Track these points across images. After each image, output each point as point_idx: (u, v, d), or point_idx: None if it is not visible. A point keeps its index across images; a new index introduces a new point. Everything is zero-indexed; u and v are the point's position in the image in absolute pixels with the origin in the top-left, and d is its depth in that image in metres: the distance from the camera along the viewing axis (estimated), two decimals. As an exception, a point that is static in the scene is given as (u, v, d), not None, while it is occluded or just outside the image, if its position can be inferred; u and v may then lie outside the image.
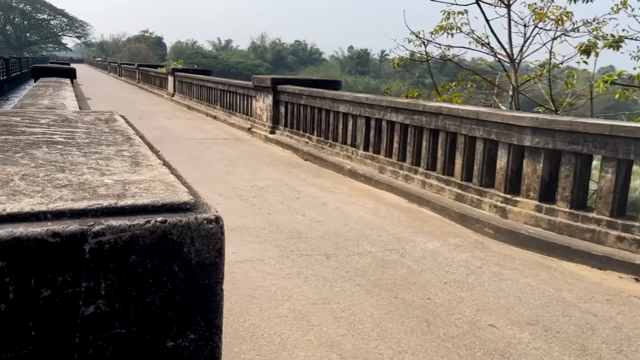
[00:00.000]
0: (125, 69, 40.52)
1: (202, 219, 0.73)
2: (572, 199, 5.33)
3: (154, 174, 0.90)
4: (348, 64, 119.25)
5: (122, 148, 1.15)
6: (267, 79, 12.03)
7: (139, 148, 1.17)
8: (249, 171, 8.64)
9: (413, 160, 7.46)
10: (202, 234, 0.72)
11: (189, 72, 21.49)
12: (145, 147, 1.19)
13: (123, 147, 1.16)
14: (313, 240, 5.42)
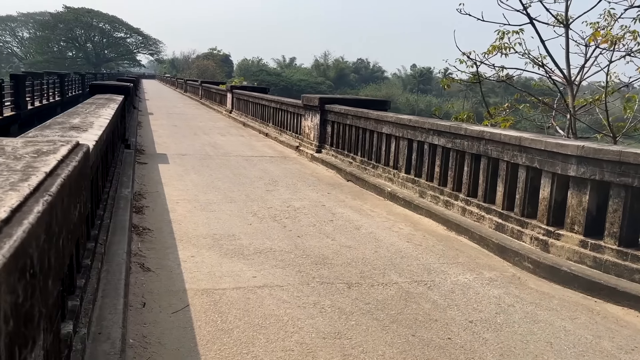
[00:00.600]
0: (190, 85, 41.97)
1: None
2: (621, 235, 4.87)
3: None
4: (410, 82, 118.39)
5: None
6: (315, 98, 12.01)
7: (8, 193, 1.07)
8: (288, 191, 8.58)
9: (454, 185, 7.14)
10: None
11: (247, 89, 21.91)
12: (16, 193, 1.08)
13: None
14: (338, 267, 5.24)
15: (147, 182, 8.62)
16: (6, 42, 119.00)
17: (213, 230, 6.20)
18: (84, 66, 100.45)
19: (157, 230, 6.05)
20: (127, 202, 6.51)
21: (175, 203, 7.32)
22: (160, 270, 4.85)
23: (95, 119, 5.10)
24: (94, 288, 3.64)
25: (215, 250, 5.49)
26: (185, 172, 9.66)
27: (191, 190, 8.19)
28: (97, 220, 4.87)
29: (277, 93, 72.76)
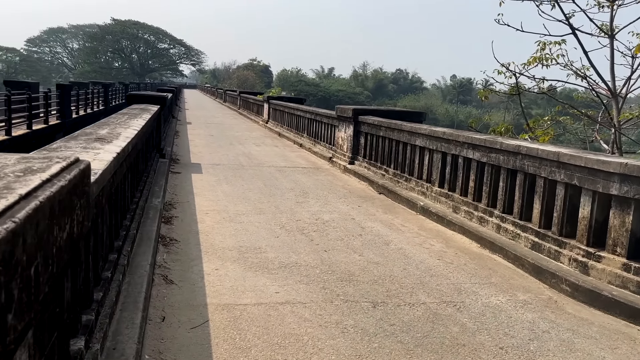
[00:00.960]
0: (230, 95, 42.58)
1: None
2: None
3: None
4: (450, 92, 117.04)
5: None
6: (348, 109, 11.91)
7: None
8: (319, 203, 8.47)
9: (489, 201, 6.88)
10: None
11: (283, 100, 22.01)
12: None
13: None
14: (364, 284, 5.08)
15: (179, 191, 8.66)
16: (57, 53, 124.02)
17: (240, 242, 6.14)
18: (129, 76, 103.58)
19: (184, 241, 6.03)
20: (156, 212, 6.53)
21: (205, 214, 7.31)
22: (183, 283, 4.80)
23: (123, 130, 5.13)
24: (112, 301, 3.61)
25: (240, 264, 5.42)
26: (217, 183, 9.69)
27: (222, 201, 8.19)
28: (123, 231, 4.88)
29: (315, 103, 73.18)
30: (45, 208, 1.26)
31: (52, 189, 1.36)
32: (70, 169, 1.63)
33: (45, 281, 1.31)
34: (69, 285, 2.58)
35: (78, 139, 4.09)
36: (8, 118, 15.16)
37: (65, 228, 1.49)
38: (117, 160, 3.63)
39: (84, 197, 1.79)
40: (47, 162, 1.62)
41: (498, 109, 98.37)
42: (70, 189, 1.55)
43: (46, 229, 1.28)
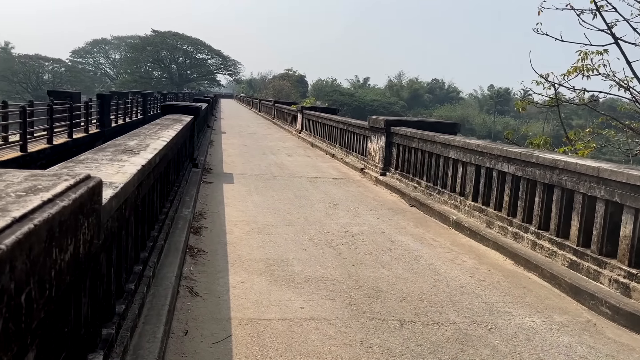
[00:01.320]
0: (264, 104, 42.98)
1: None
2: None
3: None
4: (487, 103, 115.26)
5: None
6: (380, 120, 11.79)
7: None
8: (348, 215, 8.36)
9: (524, 216, 6.64)
10: None
11: (317, 110, 22.02)
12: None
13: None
14: (392, 301, 4.94)
15: (209, 201, 8.70)
16: (100, 64, 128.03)
17: (267, 254, 6.09)
18: (168, 86, 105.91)
19: (212, 252, 6.02)
20: (185, 222, 6.55)
21: (234, 225, 7.31)
22: (208, 295, 4.77)
23: (152, 141, 5.16)
24: (135, 314, 3.59)
25: (266, 277, 5.36)
26: (248, 193, 9.70)
27: (251, 212, 8.18)
28: (150, 242, 4.89)
29: (350, 113, 73.15)
30: (41, 231, 1.22)
31: (52, 210, 1.31)
32: (77, 187, 1.59)
33: (41, 306, 1.26)
34: (87, 301, 2.56)
35: (106, 150, 4.12)
36: (50, 127, 15.61)
37: (67, 249, 1.45)
38: (142, 173, 3.62)
39: (93, 214, 1.75)
40: (54, 180, 1.59)
41: (537, 120, 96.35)
42: (75, 208, 1.50)
43: (42, 252, 1.23)
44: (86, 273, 2.07)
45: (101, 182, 1.82)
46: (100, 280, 2.89)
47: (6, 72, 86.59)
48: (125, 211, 3.32)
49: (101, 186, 1.82)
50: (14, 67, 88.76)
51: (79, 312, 2.45)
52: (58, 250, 1.36)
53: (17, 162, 12.61)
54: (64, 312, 1.62)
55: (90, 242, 1.72)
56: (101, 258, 2.87)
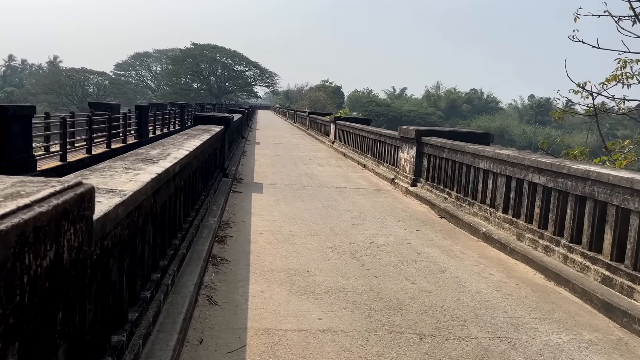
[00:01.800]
0: (299, 115, 43.28)
1: None
2: None
3: None
4: (527, 113, 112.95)
5: None
6: (411, 130, 11.66)
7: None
8: (375, 226, 8.26)
9: (555, 229, 6.41)
10: None
11: (349, 120, 22.01)
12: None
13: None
14: (412, 314, 4.83)
15: (237, 211, 8.76)
16: (142, 76, 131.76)
17: (289, 264, 6.06)
18: (207, 97, 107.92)
19: (234, 261, 6.03)
20: (210, 231, 6.60)
21: (259, 234, 7.32)
22: (226, 304, 4.77)
23: (175, 150, 5.22)
24: (149, 322, 3.61)
25: (287, 287, 5.33)
26: (276, 203, 9.72)
27: (277, 221, 8.18)
28: (171, 250, 4.93)
29: (386, 124, 72.83)
30: (8, 237, 1.21)
31: (25, 215, 1.31)
32: (62, 194, 1.60)
33: (10, 312, 1.26)
34: (92, 307, 2.59)
35: (126, 159, 4.19)
36: (89, 137, 16.12)
37: (46, 255, 1.45)
38: (157, 181, 3.66)
39: (82, 221, 1.75)
40: (40, 186, 1.60)
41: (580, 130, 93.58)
42: (57, 214, 1.51)
43: (10, 257, 1.23)
44: (84, 280, 2.08)
45: (93, 189, 1.83)
46: (109, 287, 2.91)
47: (54, 85, 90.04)
48: (139, 219, 3.35)
49: (93, 193, 1.83)
50: (62, 80, 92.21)
51: (83, 318, 2.47)
52: (32, 256, 1.35)
53: (57, 171, 13.02)
54: (50, 317, 1.62)
55: (78, 248, 1.72)
56: (110, 265, 2.90)
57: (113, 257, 2.90)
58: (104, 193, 2.75)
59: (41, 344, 1.66)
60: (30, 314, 1.42)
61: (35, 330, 1.56)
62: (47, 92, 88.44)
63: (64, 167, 13.67)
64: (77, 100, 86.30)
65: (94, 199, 1.85)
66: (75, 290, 2.06)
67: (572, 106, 13.95)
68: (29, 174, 11.20)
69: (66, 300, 1.88)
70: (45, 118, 14.42)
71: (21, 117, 11.16)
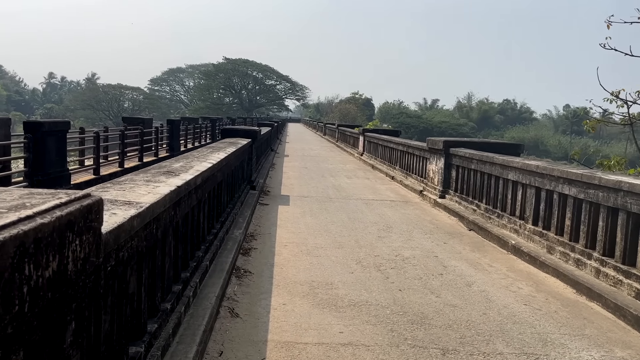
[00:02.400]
0: (329, 128, 43.40)
1: None
2: None
3: None
4: (562, 123, 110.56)
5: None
6: (439, 141, 11.53)
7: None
8: (401, 238, 8.17)
9: (587, 242, 6.21)
10: None
11: (378, 132, 21.94)
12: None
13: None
14: (436, 328, 4.73)
15: (263, 223, 8.79)
16: (176, 91, 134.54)
17: (312, 277, 6.03)
18: (239, 111, 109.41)
19: (258, 274, 6.04)
20: (235, 243, 6.64)
21: (284, 246, 7.32)
22: (248, 316, 4.77)
23: (198, 163, 5.29)
24: (169, 333, 3.63)
25: (309, 299, 5.30)
26: (302, 215, 9.72)
27: (302, 233, 8.17)
28: (193, 262, 4.97)
29: (416, 136, 72.24)
30: (6, 247, 1.23)
31: (25, 226, 1.33)
32: (68, 205, 1.62)
33: (8, 321, 1.28)
34: (107, 318, 2.62)
35: (148, 172, 4.26)
36: (121, 151, 16.49)
37: (48, 266, 1.47)
38: (177, 193, 3.70)
39: (89, 232, 1.77)
40: (46, 198, 1.63)
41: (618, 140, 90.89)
42: (61, 225, 1.53)
43: (8, 267, 1.25)
44: (97, 291, 2.10)
45: (101, 200, 1.85)
46: (126, 298, 2.94)
47: (91, 101, 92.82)
48: (158, 231, 3.39)
49: (101, 205, 1.86)
50: (98, 96, 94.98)
51: (98, 329, 2.50)
52: (33, 267, 1.37)
53: (90, 185, 13.34)
54: (59, 328, 1.63)
55: (84, 259, 1.74)
56: (127, 276, 2.93)
57: (130, 268, 2.93)
58: (120, 205, 2.79)
59: (51, 355, 1.69)
60: (34, 323, 1.44)
61: (43, 341, 1.58)
62: (85, 107, 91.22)
63: (97, 180, 13.99)
64: (113, 115, 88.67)
65: (102, 211, 1.88)
66: (87, 301, 2.08)
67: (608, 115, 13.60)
68: (63, 187, 11.52)
69: (77, 311, 1.90)
70: (79, 133, 14.85)
71: (56, 132, 11.50)
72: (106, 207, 2.71)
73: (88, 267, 1.79)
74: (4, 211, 1.41)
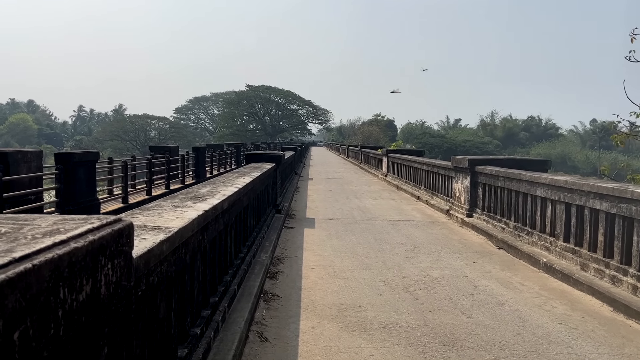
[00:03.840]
0: (352, 150, 43.49)
1: None
2: None
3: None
4: (590, 138, 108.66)
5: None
6: (464, 160, 11.43)
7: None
8: (429, 259, 8.06)
9: (622, 257, 6.04)
10: None
11: (402, 152, 21.88)
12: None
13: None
14: (469, 350, 4.62)
15: (289, 246, 8.79)
16: (200, 119, 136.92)
17: (341, 299, 5.99)
18: (262, 137, 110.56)
19: (286, 297, 6.02)
20: (262, 267, 6.64)
21: (311, 269, 7.29)
22: (277, 341, 4.74)
23: (225, 187, 5.34)
24: (198, 358, 3.63)
25: (338, 322, 5.25)
26: (328, 237, 9.69)
27: (329, 256, 8.14)
28: (222, 286, 4.98)
29: (441, 156, 71.77)
30: (42, 270, 1.26)
31: (60, 251, 1.36)
32: (100, 230, 1.65)
33: (44, 345, 1.30)
34: (139, 343, 2.63)
35: (176, 198, 4.32)
36: (149, 180, 16.77)
37: (82, 289, 1.49)
38: (205, 218, 3.74)
39: (120, 256, 1.80)
40: (79, 223, 1.66)
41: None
42: (93, 249, 1.56)
43: (43, 291, 1.27)
44: (129, 316, 2.12)
45: (131, 225, 1.88)
46: (157, 323, 2.96)
47: (119, 131, 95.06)
48: (186, 255, 3.42)
49: (131, 229, 1.89)
50: (125, 127, 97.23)
51: (130, 354, 2.51)
52: (67, 290, 1.40)
53: (119, 212, 13.57)
54: (92, 352, 1.65)
55: (116, 283, 1.76)
56: (158, 301, 2.95)
57: (160, 293, 2.95)
58: (150, 230, 2.83)
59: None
60: (68, 347, 1.46)
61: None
62: (113, 138, 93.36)
63: (125, 208, 14.22)
64: (140, 145, 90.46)
65: (133, 235, 1.91)
66: (119, 325, 2.10)
67: (637, 129, 13.34)
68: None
69: (110, 335, 1.92)
70: (108, 163, 15.18)
71: (86, 163, 11.77)
72: (136, 233, 2.76)
73: (120, 291, 1.82)
74: (39, 236, 1.44)
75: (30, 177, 10.13)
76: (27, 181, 10.01)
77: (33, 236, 1.44)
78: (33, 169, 10.48)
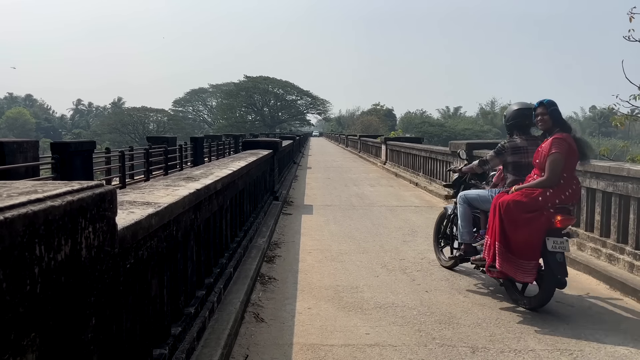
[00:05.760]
0: (351, 139, 43.44)
1: None
2: None
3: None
4: (589, 125, 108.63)
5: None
6: (461, 144, 11.40)
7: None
8: (427, 242, 8.05)
9: (618, 236, 6.03)
10: None
11: (400, 140, 21.86)
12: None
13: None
14: (465, 327, 4.62)
15: (286, 232, 8.79)
16: (199, 111, 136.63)
17: (337, 281, 5.98)
18: (261, 128, 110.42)
19: (282, 280, 6.02)
20: (259, 251, 6.63)
21: (308, 253, 7.29)
22: (273, 321, 4.74)
23: (218, 170, 5.32)
24: (193, 337, 3.63)
25: (334, 303, 5.24)
26: (325, 223, 9.69)
27: (326, 241, 8.13)
28: (217, 269, 4.98)
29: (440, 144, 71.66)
30: (15, 225, 1.25)
31: (35, 207, 1.35)
32: (79, 192, 1.63)
33: (19, 301, 1.28)
34: (129, 317, 2.62)
35: (168, 178, 4.30)
36: (146, 169, 16.76)
37: (61, 249, 1.47)
38: (196, 196, 3.72)
39: (102, 221, 1.78)
40: (58, 186, 1.64)
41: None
42: (72, 210, 1.54)
43: (16, 246, 1.26)
44: (117, 288, 2.11)
45: (114, 190, 1.86)
46: (148, 299, 2.95)
47: (117, 124, 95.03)
48: (178, 233, 3.40)
49: (114, 194, 1.87)
50: (124, 120, 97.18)
51: (120, 328, 2.50)
52: (44, 248, 1.38)
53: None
54: (76, 319, 1.64)
55: (98, 247, 1.74)
56: (149, 277, 2.94)
57: (151, 269, 2.94)
58: (139, 205, 2.82)
59: (71, 348, 1.68)
60: (47, 307, 1.44)
61: (58, 329, 1.58)
62: (111, 131, 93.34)
63: (123, 198, 14.22)
64: (139, 138, 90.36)
65: (115, 201, 1.89)
66: (107, 296, 2.09)
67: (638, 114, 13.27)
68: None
69: (97, 306, 1.91)
70: (105, 153, 15.16)
71: (82, 152, 11.76)
72: (125, 207, 2.74)
73: (103, 256, 1.80)
74: (14, 195, 1.42)
75: (27, 167, 10.10)
76: (24, 171, 9.99)
77: (8, 194, 1.42)
78: (29, 158, 10.46)
